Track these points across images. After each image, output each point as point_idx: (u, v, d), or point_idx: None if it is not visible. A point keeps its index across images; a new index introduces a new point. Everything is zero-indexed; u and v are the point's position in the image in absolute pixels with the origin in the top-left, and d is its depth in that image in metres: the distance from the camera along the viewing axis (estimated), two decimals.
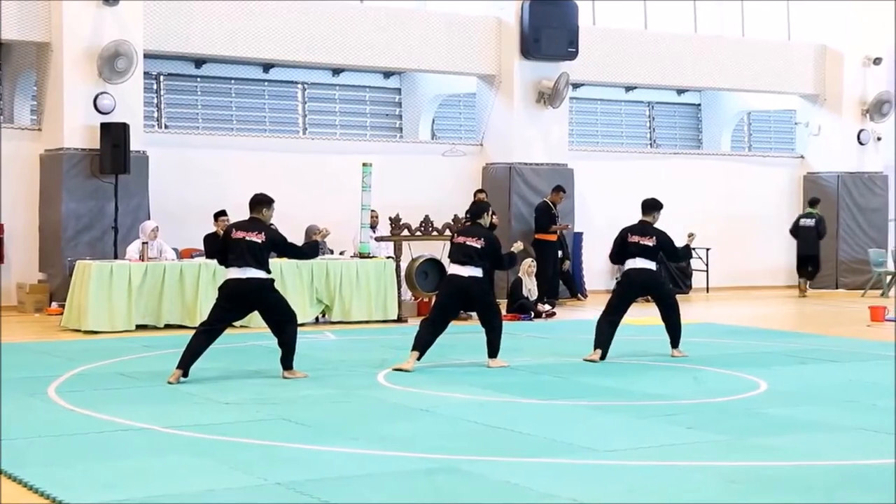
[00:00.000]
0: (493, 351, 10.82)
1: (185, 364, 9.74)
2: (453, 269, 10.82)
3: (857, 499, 6.06)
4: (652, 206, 11.73)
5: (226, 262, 9.95)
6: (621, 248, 11.62)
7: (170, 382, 9.57)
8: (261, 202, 10.13)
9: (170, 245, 14.92)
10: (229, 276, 9.89)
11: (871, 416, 8.37)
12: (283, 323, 9.97)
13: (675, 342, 11.65)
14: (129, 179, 15.82)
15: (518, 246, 11.71)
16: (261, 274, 9.83)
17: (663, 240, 11.48)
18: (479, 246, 10.70)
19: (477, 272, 10.73)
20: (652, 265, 11.51)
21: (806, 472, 6.63)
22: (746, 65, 21.08)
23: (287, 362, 9.99)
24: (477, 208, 11.22)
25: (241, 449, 7.08)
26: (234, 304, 9.89)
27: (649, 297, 12.34)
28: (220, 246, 10.13)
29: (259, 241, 9.82)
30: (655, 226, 11.60)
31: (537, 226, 17.85)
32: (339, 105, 20.10)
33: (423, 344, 10.57)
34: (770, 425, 7.97)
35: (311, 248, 11.02)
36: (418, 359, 10.48)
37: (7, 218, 15.93)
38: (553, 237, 17.65)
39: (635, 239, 11.45)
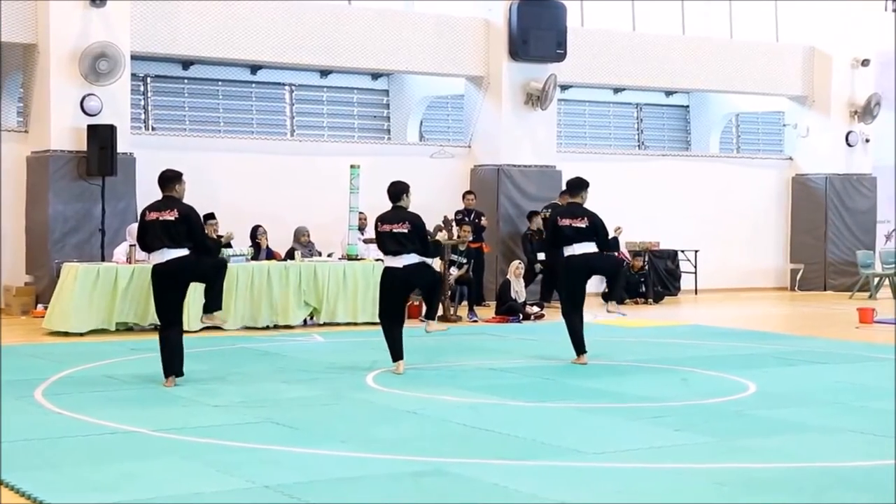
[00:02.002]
0: (430, 312, 10.63)
1: (173, 368, 9.68)
2: (387, 261, 10.49)
3: (846, 500, 6.06)
4: (578, 186, 11.29)
5: (147, 248, 9.70)
6: (555, 234, 11.18)
7: (166, 386, 9.55)
8: (171, 178, 9.71)
9: None
10: (153, 263, 9.66)
11: (859, 417, 8.38)
12: (212, 280, 9.83)
13: (612, 296, 11.45)
14: (117, 181, 15.77)
15: (443, 236, 11.55)
16: (180, 252, 9.55)
17: (595, 221, 11.06)
18: (406, 230, 10.34)
19: (411, 259, 10.36)
20: (591, 247, 11.03)
21: (794, 473, 6.63)
22: (735, 66, 21.11)
23: (215, 304, 9.83)
24: (396, 189, 10.56)
25: (229, 452, 7.05)
26: (166, 287, 9.63)
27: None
28: (139, 233, 9.78)
29: (172, 218, 9.48)
30: (585, 206, 11.22)
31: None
32: (327, 107, 20.07)
33: (397, 349, 10.44)
34: (758, 427, 7.97)
35: (216, 246, 10.30)
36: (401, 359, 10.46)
37: None
38: None
39: (566, 222, 11.04)
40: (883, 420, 8.21)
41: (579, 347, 11.13)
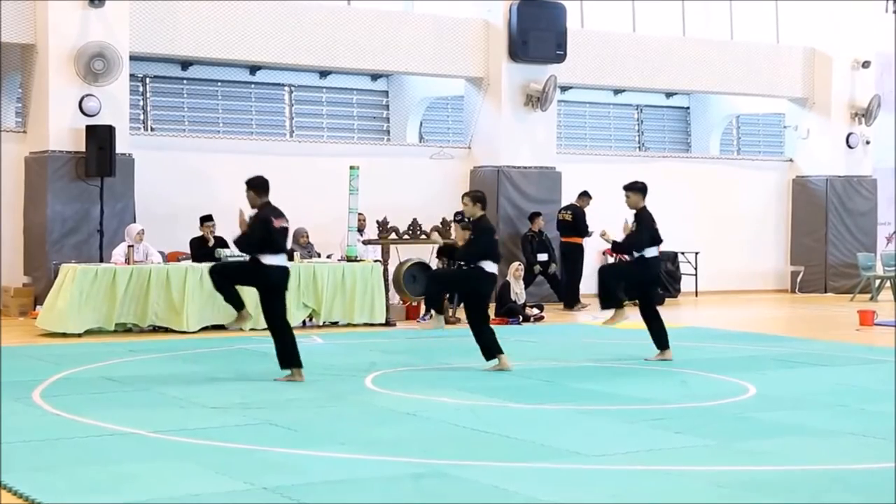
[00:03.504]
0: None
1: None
2: (493, 268, 10.73)
3: (845, 503, 6.04)
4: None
5: (283, 252, 9.96)
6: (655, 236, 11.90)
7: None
8: (268, 184, 10.22)
9: (156, 248, 14.86)
10: (277, 264, 9.85)
11: (859, 420, 8.36)
12: None
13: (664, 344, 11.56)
14: (115, 182, 15.75)
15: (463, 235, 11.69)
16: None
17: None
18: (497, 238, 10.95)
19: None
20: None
21: (794, 476, 6.61)
22: (735, 68, 21.09)
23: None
24: (482, 196, 11.24)
25: (227, 453, 7.02)
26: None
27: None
28: (268, 237, 9.88)
29: (287, 225, 10.10)
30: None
31: (578, 230, 18.02)
32: (327, 108, 20.05)
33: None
34: (758, 429, 7.95)
35: None
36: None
37: None
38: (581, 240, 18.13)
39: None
40: (882, 423, 8.19)
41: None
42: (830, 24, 21.61)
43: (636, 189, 11.66)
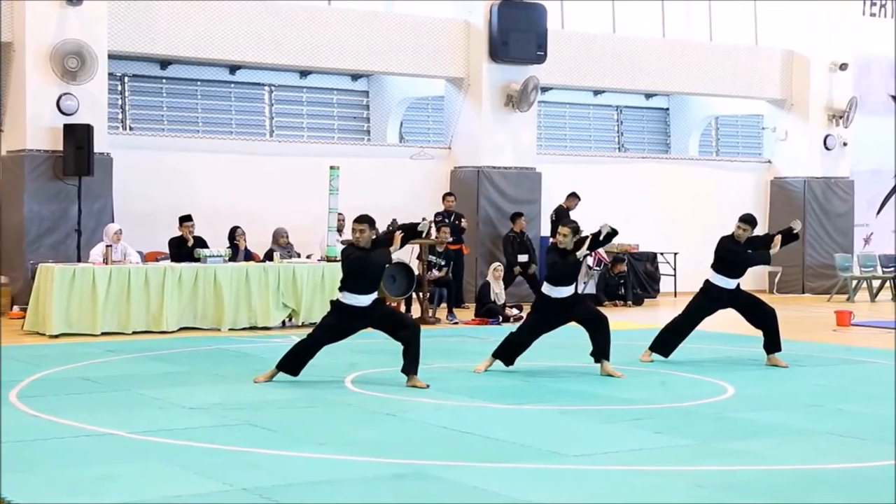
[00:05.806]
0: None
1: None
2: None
3: (824, 502, 6.06)
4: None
5: None
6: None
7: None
8: None
9: (135, 248, 14.79)
10: None
11: (837, 420, 8.40)
12: None
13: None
14: (93, 181, 15.66)
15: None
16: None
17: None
18: None
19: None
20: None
21: (772, 476, 6.63)
22: (714, 69, 21.18)
23: None
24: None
25: (207, 454, 6.99)
26: None
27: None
28: None
29: None
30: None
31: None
32: (307, 107, 20.01)
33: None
34: (737, 429, 7.98)
35: None
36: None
37: None
38: None
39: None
40: (860, 423, 8.24)
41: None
42: (808, 27, 21.71)
43: (755, 224, 12.12)
